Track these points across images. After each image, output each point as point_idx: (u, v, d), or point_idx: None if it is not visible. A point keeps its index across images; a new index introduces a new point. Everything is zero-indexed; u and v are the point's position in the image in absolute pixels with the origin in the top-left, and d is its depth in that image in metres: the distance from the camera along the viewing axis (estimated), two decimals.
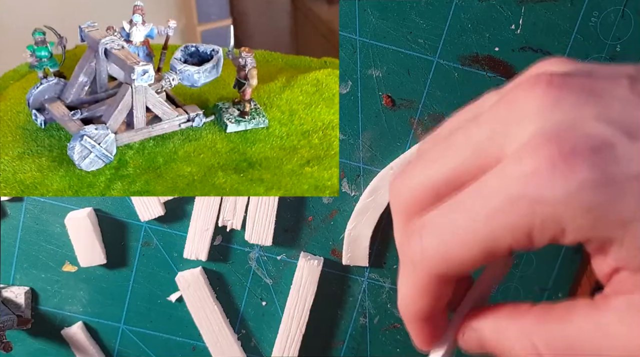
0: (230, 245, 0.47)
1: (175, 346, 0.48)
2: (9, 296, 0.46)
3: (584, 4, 0.43)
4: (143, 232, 0.46)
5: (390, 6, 0.43)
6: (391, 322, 0.49)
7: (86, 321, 0.47)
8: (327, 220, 0.47)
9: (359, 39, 0.43)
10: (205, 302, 0.46)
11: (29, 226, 0.45)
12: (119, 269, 0.47)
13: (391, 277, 0.48)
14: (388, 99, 0.45)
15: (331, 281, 0.48)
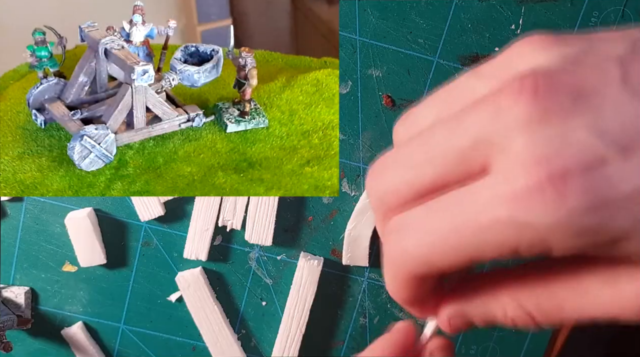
0: (230, 245, 0.47)
1: (175, 346, 0.48)
2: (9, 296, 0.46)
3: (584, 4, 0.43)
4: (143, 232, 0.46)
5: (390, 6, 0.43)
6: (391, 322, 0.49)
7: (86, 321, 0.47)
8: (327, 220, 0.47)
9: (359, 39, 0.43)
10: (205, 302, 0.46)
11: (29, 226, 0.45)
12: (119, 269, 0.47)
13: None
14: (388, 99, 0.45)
15: (331, 281, 0.48)
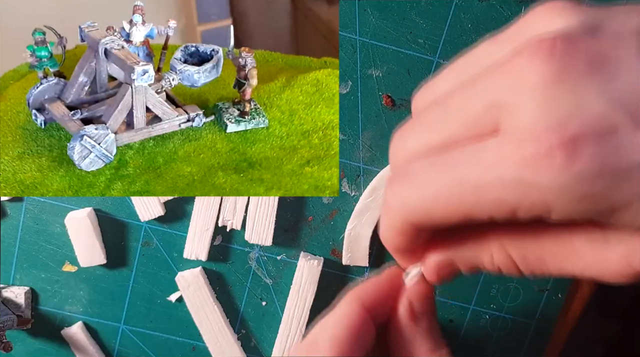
0: (230, 245, 0.47)
1: (175, 346, 0.48)
2: (9, 296, 0.46)
3: (583, 3, 0.43)
4: (143, 232, 0.46)
5: (390, 6, 0.43)
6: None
7: (86, 321, 0.47)
8: (327, 220, 0.47)
9: (359, 39, 0.43)
10: (205, 302, 0.46)
11: (29, 226, 0.45)
12: (119, 269, 0.47)
13: None
14: (388, 99, 0.45)
15: (331, 281, 0.48)
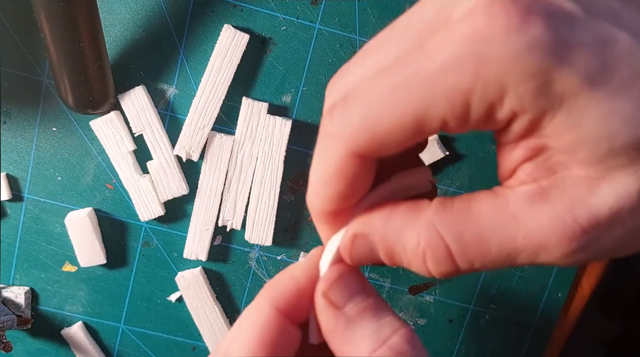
0: (230, 245, 0.47)
1: (175, 346, 0.48)
2: (9, 296, 0.46)
3: None
4: (143, 232, 0.46)
5: (390, 6, 0.43)
6: None
7: (86, 321, 0.47)
8: None
9: (359, 39, 0.43)
10: (205, 302, 0.46)
11: (29, 226, 0.45)
12: (119, 269, 0.47)
13: (391, 277, 0.48)
14: None
15: None
